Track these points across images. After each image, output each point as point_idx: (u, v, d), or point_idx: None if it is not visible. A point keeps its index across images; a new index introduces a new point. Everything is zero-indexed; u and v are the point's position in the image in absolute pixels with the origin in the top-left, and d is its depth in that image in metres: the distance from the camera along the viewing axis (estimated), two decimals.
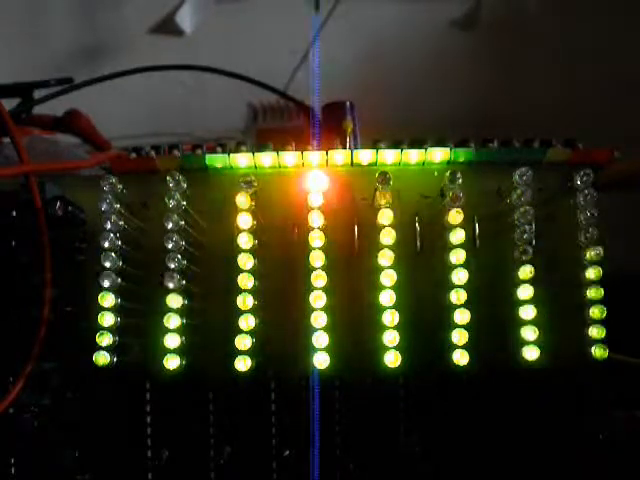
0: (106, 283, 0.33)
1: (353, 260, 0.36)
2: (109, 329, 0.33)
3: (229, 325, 0.33)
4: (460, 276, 0.33)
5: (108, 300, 0.33)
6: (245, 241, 0.33)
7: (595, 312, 0.34)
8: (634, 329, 0.37)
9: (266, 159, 0.36)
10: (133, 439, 0.36)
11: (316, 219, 0.33)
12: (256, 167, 0.37)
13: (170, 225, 0.33)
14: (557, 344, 0.34)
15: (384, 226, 0.33)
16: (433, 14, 0.70)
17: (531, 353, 0.33)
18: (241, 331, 0.33)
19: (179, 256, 0.33)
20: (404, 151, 0.36)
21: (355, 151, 0.36)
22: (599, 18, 0.68)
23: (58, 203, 0.35)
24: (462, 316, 0.33)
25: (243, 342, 0.33)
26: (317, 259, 0.33)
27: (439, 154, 0.36)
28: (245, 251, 0.33)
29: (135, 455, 0.36)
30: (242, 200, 0.33)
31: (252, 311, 0.33)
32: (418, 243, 0.36)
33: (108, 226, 0.33)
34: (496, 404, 0.36)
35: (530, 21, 0.70)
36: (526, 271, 0.33)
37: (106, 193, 0.33)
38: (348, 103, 0.46)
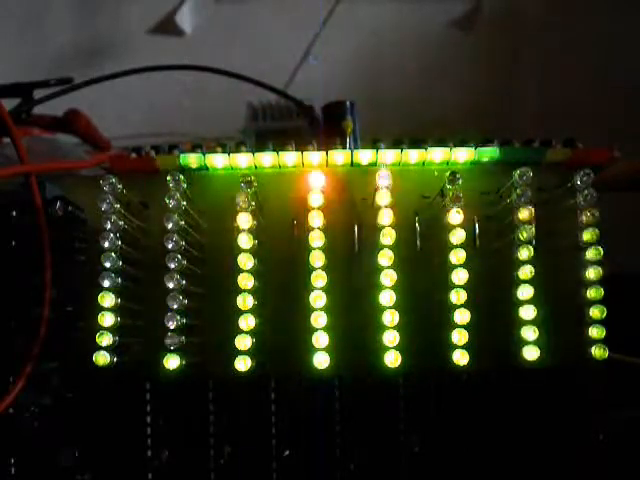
0: (106, 283, 0.33)
1: (353, 260, 0.36)
2: (109, 329, 0.33)
3: (229, 325, 0.33)
4: (460, 276, 0.33)
5: (108, 300, 0.33)
6: (245, 241, 0.33)
7: (595, 312, 0.34)
8: (634, 329, 0.37)
9: (266, 159, 0.36)
10: (133, 439, 0.36)
11: (316, 219, 0.33)
12: (256, 167, 0.37)
13: (170, 225, 0.33)
14: (557, 344, 0.34)
15: (384, 226, 0.33)
16: (433, 14, 0.70)
17: (531, 353, 0.33)
18: (241, 331, 0.33)
19: (179, 256, 0.33)
20: (404, 151, 0.36)
21: (355, 151, 0.36)
22: (599, 18, 0.68)
23: (58, 203, 0.35)
24: (462, 316, 0.33)
25: (243, 342, 0.33)
26: (317, 259, 0.33)
27: (439, 154, 0.36)
28: (245, 251, 0.33)
29: (135, 455, 0.36)
30: (242, 200, 0.33)
31: (252, 311, 0.33)
32: (418, 243, 0.36)
33: (108, 226, 0.33)
34: (496, 404, 0.36)
35: (530, 21, 0.70)
36: (526, 271, 0.33)
37: (106, 193, 0.33)
38: (348, 103, 0.46)
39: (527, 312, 0.33)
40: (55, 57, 0.71)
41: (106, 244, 0.33)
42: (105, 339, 0.33)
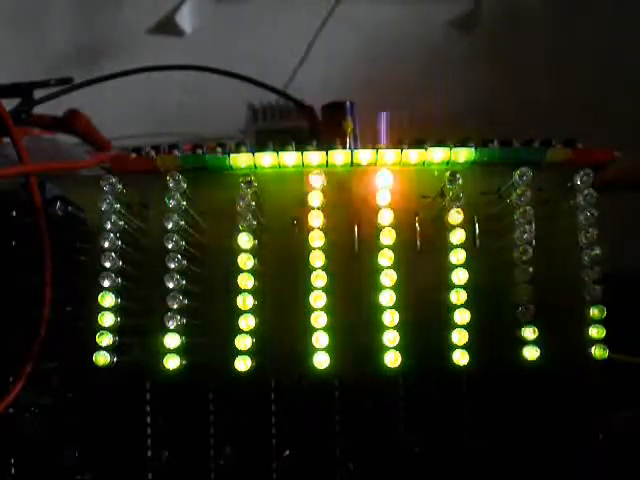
0: (106, 283, 0.33)
1: (353, 260, 0.36)
2: (109, 329, 0.33)
3: (229, 325, 0.33)
4: (460, 276, 0.33)
5: (108, 300, 0.33)
6: (245, 241, 0.33)
7: (595, 312, 0.34)
8: (634, 329, 0.37)
9: (266, 159, 0.36)
10: (133, 439, 0.36)
11: (316, 219, 0.33)
12: (256, 167, 0.37)
13: (170, 225, 0.33)
14: (557, 344, 0.34)
15: (384, 226, 0.33)
16: (433, 14, 0.70)
17: (531, 353, 0.33)
18: (241, 331, 0.33)
19: (179, 256, 0.33)
20: (404, 151, 0.36)
21: (355, 151, 0.36)
22: (599, 17, 0.68)
23: (58, 203, 0.35)
24: (462, 316, 0.33)
25: (243, 342, 0.33)
26: (317, 259, 0.33)
27: (439, 154, 0.36)
28: (245, 251, 0.33)
29: (135, 455, 0.36)
30: (242, 200, 0.33)
31: (252, 311, 0.33)
32: (418, 243, 0.36)
33: (108, 226, 0.33)
34: (496, 404, 0.36)
35: (530, 21, 0.70)
36: (526, 271, 0.33)
37: (106, 193, 0.33)
38: (348, 103, 0.46)
39: (527, 312, 0.33)
40: (55, 57, 0.71)
41: (106, 244, 0.33)
42: (105, 339, 0.33)
